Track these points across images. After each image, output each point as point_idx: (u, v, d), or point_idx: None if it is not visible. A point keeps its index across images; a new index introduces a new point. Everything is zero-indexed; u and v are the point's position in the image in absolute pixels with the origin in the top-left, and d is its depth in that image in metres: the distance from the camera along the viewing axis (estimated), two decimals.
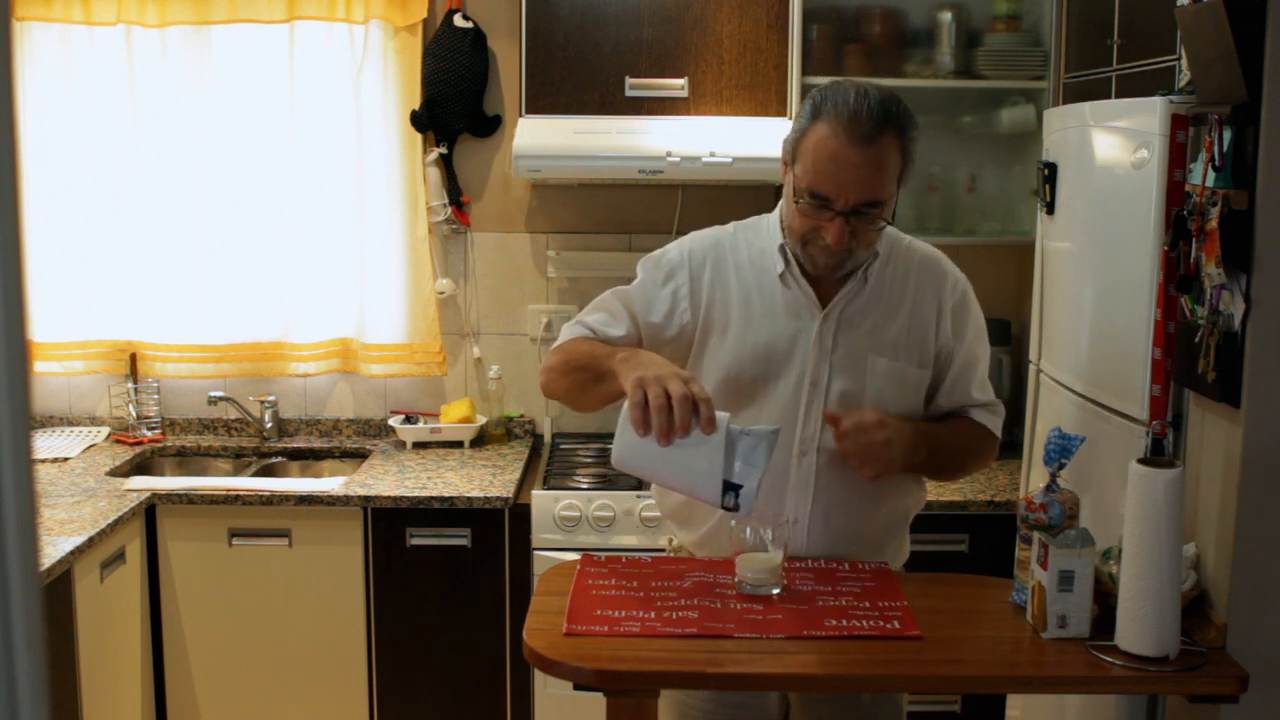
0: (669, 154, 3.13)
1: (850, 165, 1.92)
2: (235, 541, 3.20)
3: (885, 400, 2.08)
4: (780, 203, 2.13)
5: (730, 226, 2.20)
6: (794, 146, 2.00)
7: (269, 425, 3.71)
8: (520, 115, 3.30)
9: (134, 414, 3.68)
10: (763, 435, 1.86)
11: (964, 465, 2.29)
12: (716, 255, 2.14)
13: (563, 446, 3.62)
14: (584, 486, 3.19)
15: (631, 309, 2.13)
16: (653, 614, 1.91)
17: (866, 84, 1.99)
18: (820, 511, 2.10)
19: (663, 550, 2.30)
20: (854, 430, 1.98)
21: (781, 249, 2.08)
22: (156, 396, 3.71)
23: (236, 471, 3.62)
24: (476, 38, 3.52)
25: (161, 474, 3.60)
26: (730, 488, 1.85)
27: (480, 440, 3.68)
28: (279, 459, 3.67)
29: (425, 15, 3.54)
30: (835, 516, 2.11)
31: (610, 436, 1.96)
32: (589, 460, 3.46)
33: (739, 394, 2.09)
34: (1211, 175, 1.92)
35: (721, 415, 1.85)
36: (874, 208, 1.96)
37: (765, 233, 2.14)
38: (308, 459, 3.69)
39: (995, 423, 2.22)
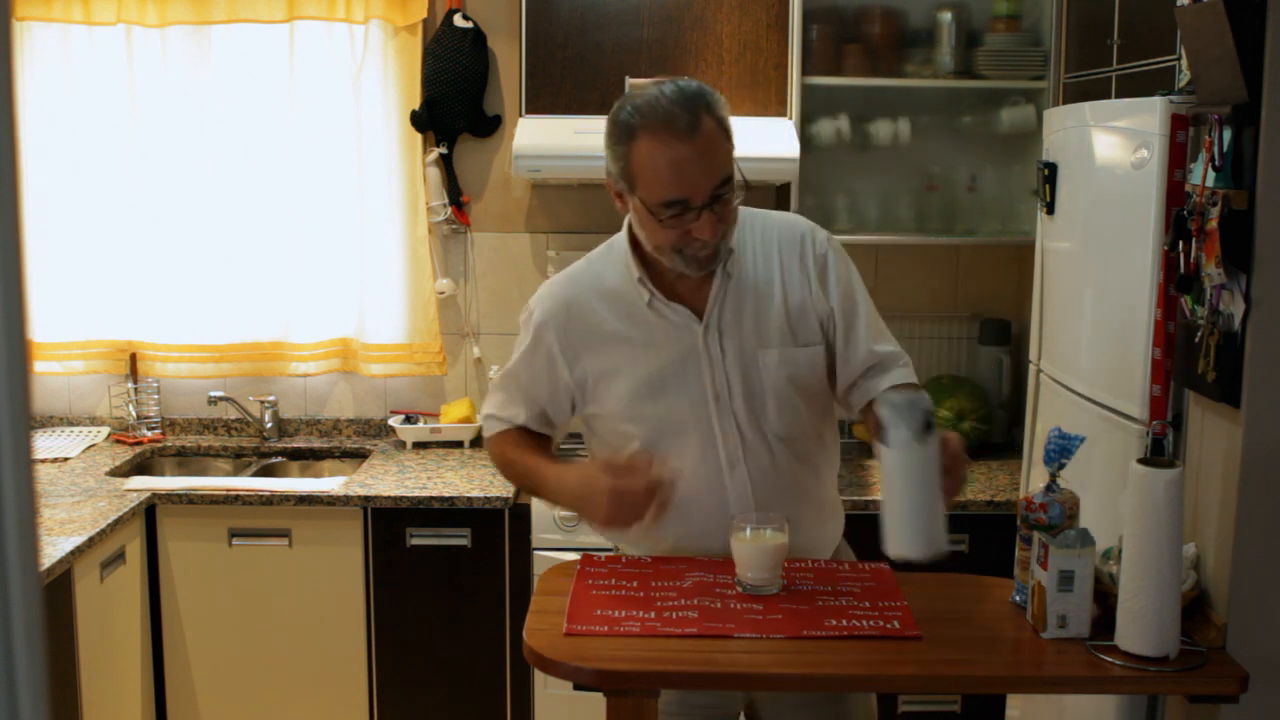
0: None
1: (689, 160, 1.89)
2: (235, 541, 3.20)
3: (785, 392, 2.06)
4: (623, 233, 2.10)
5: (584, 263, 2.17)
6: (624, 175, 1.95)
7: (269, 425, 3.71)
8: (520, 115, 3.30)
9: (134, 414, 3.68)
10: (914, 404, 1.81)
11: None
12: (578, 303, 2.10)
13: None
14: None
15: (524, 391, 2.17)
16: (653, 614, 1.91)
17: (662, 81, 1.96)
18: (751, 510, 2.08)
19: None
20: (961, 481, 1.90)
21: (640, 281, 2.05)
22: (156, 396, 3.71)
23: (236, 471, 3.62)
24: (476, 38, 3.52)
25: (161, 474, 3.60)
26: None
27: (480, 440, 3.68)
28: (279, 459, 3.67)
29: (425, 15, 3.54)
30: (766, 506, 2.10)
31: None
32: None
33: (651, 430, 2.07)
34: (1211, 175, 1.92)
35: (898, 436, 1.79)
36: (726, 186, 1.93)
37: (617, 265, 2.10)
38: (308, 459, 3.69)
39: (910, 374, 2.12)
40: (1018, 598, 1.97)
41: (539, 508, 3.11)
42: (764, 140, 3.18)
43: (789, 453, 2.10)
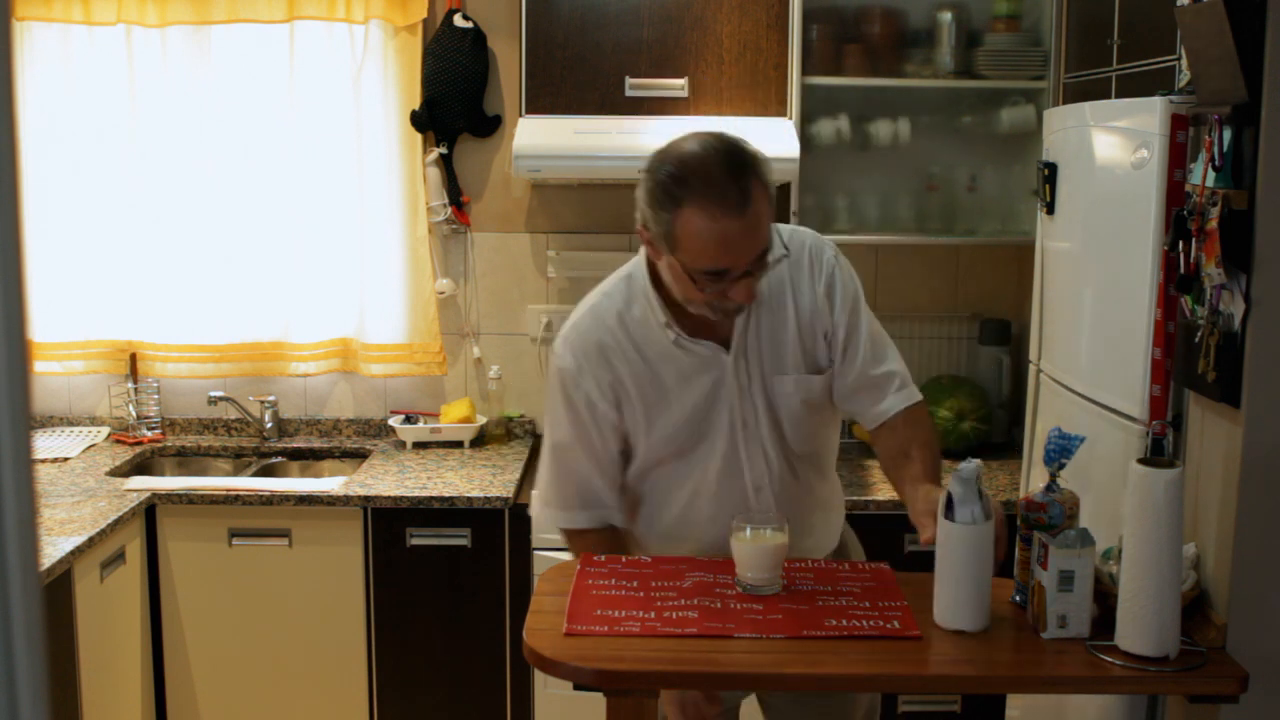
0: None
1: (737, 236, 1.86)
2: (235, 541, 3.20)
3: (800, 414, 2.09)
4: (642, 270, 2.05)
5: (601, 299, 2.10)
6: (665, 237, 1.90)
7: (269, 425, 3.71)
8: (520, 115, 3.30)
9: (134, 414, 3.68)
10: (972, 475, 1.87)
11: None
12: (608, 345, 2.05)
13: None
14: None
15: (579, 465, 2.10)
16: (653, 614, 1.91)
17: (708, 140, 1.91)
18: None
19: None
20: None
21: (667, 326, 2.03)
22: (156, 396, 3.71)
23: (236, 471, 3.62)
24: (476, 38, 3.52)
25: (161, 474, 3.60)
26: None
27: (480, 440, 3.68)
28: (279, 459, 3.67)
29: (425, 15, 3.54)
30: (799, 537, 2.10)
31: None
32: None
33: (679, 460, 2.09)
34: (1211, 175, 1.92)
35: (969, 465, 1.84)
36: (766, 255, 1.92)
37: (639, 304, 2.06)
38: (308, 459, 3.69)
39: (908, 395, 2.13)
40: (1018, 598, 1.97)
41: None
42: (764, 140, 3.13)
43: (808, 468, 2.16)
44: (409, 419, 3.69)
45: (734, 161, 1.87)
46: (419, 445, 3.64)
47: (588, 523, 2.15)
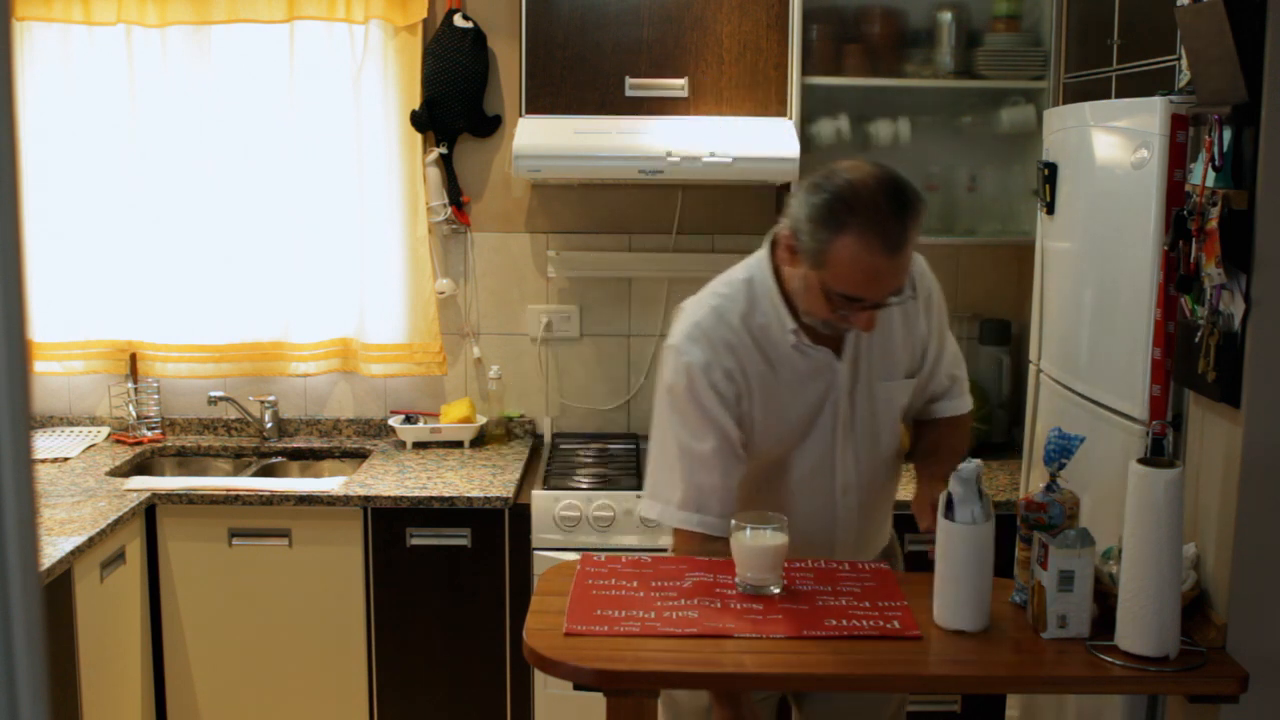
0: (669, 154, 3.13)
1: (887, 273, 1.93)
2: (235, 541, 3.20)
3: (894, 419, 2.19)
4: (766, 275, 2.08)
5: (722, 300, 2.11)
6: (816, 254, 1.94)
7: (269, 425, 3.71)
8: (520, 115, 3.30)
9: (134, 414, 3.68)
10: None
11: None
12: (735, 345, 2.08)
13: (563, 446, 3.62)
14: (584, 486, 3.19)
15: (717, 458, 2.07)
16: (653, 614, 1.91)
17: (881, 173, 1.94)
18: (857, 537, 2.21)
19: (664, 550, 2.29)
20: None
21: (794, 331, 2.07)
22: (156, 396, 3.70)
23: (236, 471, 3.62)
24: (476, 38, 3.52)
25: (161, 474, 3.60)
26: None
27: (480, 440, 3.68)
28: (279, 459, 3.67)
29: (425, 15, 3.53)
30: (868, 538, 2.25)
31: (608, 437, 1.96)
32: (589, 460, 3.45)
33: (778, 460, 2.14)
34: (1211, 175, 1.92)
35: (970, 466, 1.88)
36: (899, 293, 2.00)
37: (763, 307, 2.09)
38: (308, 459, 3.69)
39: (963, 403, 2.31)
40: (1018, 598, 1.97)
41: (539, 507, 3.11)
42: (764, 140, 3.18)
43: (888, 470, 2.25)
44: (409, 419, 3.69)
45: (902, 200, 1.92)
46: (419, 445, 3.64)
47: (717, 530, 2.08)
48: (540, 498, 3.12)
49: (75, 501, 3.07)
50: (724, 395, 2.07)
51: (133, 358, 3.70)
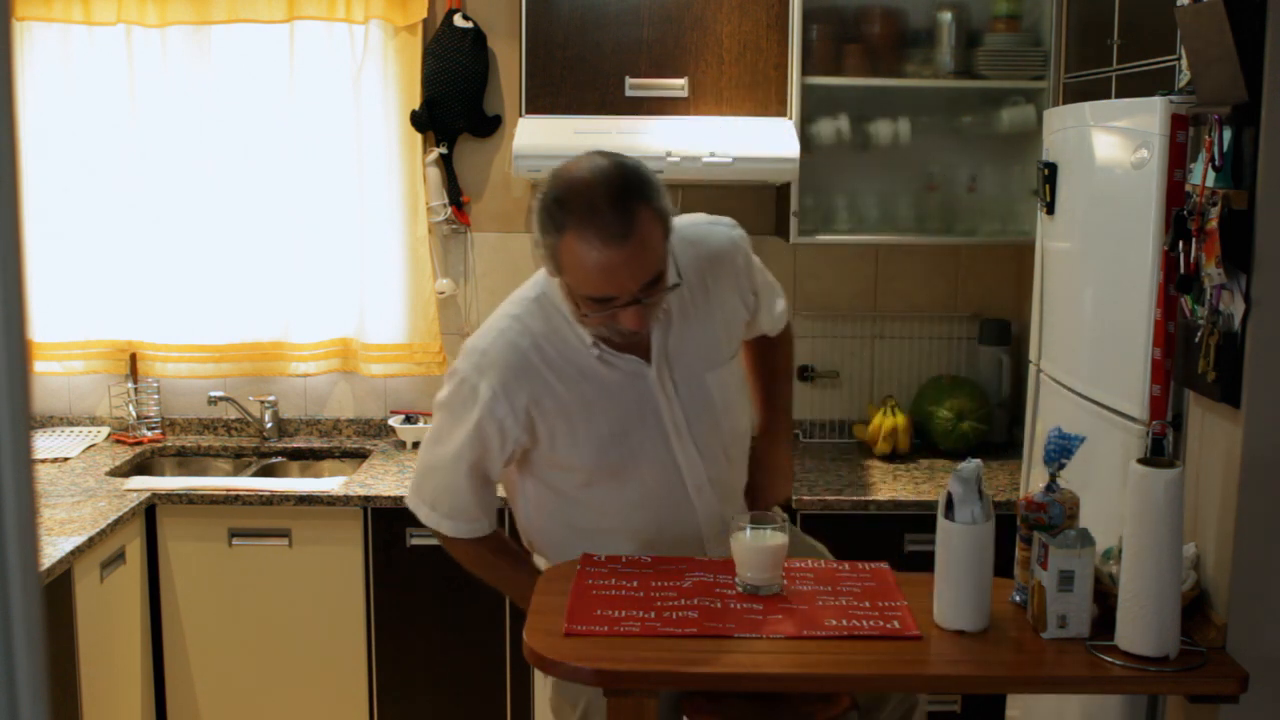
0: (669, 154, 3.13)
1: (618, 265, 1.83)
2: (235, 541, 3.20)
3: (727, 401, 2.15)
4: (545, 282, 2.04)
5: (513, 322, 2.04)
6: (551, 260, 1.90)
7: (269, 425, 3.71)
8: (520, 115, 3.30)
9: (134, 414, 3.68)
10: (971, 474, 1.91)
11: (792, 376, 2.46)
12: (527, 368, 2.00)
13: None
14: None
15: (476, 476, 2.09)
16: (653, 614, 1.91)
17: (599, 164, 1.88)
18: (723, 523, 2.12)
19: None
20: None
21: (592, 345, 2.01)
22: (156, 396, 3.71)
23: (236, 471, 3.62)
24: (476, 38, 3.52)
25: (161, 474, 3.60)
26: None
27: None
28: (279, 459, 3.67)
29: (425, 15, 3.53)
30: (735, 500, 2.24)
31: None
32: None
33: (614, 474, 2.08)
34: (1211, 175, 1.92)
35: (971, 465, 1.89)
36: (657, 280, 1.90)
37: (556, 323, 2.03)
38: (308, 459, 3.69)
39: (781, 317, 2.33)
40: (1018, 598, 1.97)
41: None
42: (764, 140, 3.18)
43: (736, 450, 2.22)
44: (409, 419, 3.69)
45: (621, 188, 1.84)
46: (419, 445, 3.63)
47: (488, 528, 2.21)
48: None
49: (75, 501, 3.07)
50: (506, 430, 2.01)
51: (133, 358, 3.70)
